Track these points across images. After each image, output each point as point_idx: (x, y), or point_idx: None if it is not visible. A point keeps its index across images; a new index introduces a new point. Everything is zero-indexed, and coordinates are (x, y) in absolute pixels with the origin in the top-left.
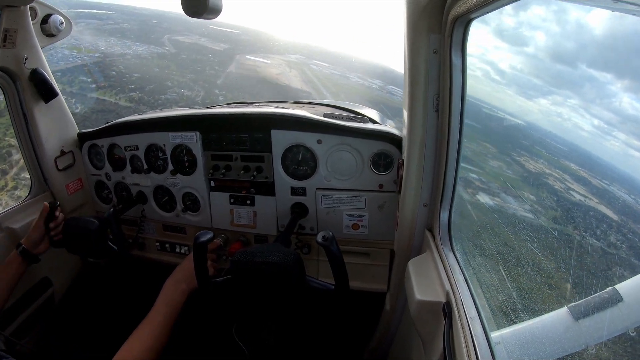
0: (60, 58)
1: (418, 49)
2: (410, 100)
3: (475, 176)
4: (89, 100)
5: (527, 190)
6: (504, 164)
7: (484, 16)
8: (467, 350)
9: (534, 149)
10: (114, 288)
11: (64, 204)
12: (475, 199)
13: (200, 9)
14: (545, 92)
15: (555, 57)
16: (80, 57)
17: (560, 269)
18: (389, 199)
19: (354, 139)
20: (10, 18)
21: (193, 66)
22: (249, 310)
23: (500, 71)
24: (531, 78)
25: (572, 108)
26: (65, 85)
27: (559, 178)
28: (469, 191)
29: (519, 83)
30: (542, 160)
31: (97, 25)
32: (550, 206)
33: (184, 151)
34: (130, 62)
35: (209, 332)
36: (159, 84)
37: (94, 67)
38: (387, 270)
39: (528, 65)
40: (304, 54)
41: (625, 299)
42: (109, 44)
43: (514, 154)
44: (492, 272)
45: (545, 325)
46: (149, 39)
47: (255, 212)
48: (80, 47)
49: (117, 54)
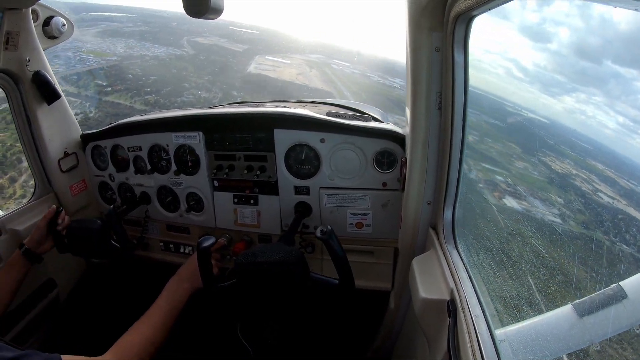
0: (78, 61)
1: (420, 46)
2: (413, 98)
3: (501, 178)
4: (104, 103)
5: (554, 193)
6: (530, 165)
7: (507, 13)
8: (471, 348)
9: (559, 148)
10: (118, 288)
11: (68, 205)
12: (481, 197)
13: (202, 9)
14: (569, 89)
15: (579, 53)
16: (97, 60)
17: (565, 266)
18: (392, 197)
19: (357, 137)
20: (12, 21)
21: (211, 67)
22: (254, 309)
23: (523, 68)
24: (555, 75)
25: (596, 105)
26: (81, 89)
27: (585, 179)
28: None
29: (542, 80)
30: (569, 160)
31: (117, 27)
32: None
33: (187, 151)
34: (147, 65)
35: (213, 331)
36: (176, 85)
37: (111, 70)
38: (391, 269)
39: (552, 62)
40: (325, 54)
41: (630, 295)
42: (127, 46)
43: (540, 153)
44: (497, 269)
45: (550, 322)
46: (168, 41)
47: (259, 212)
48: (97, 50)
49: (135, 56)
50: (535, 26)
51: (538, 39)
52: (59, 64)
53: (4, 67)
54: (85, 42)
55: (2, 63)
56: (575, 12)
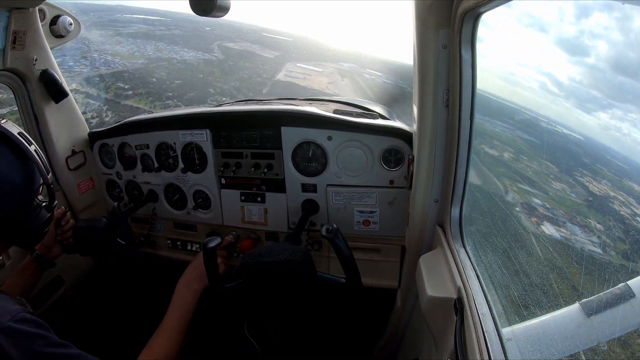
0: (102, 63)
1: (427, 44)
2: (420, 95)
3: (539, 201)
4: (122, 107)
5: (594, 218)
6: (568, 186)
7: (543, 25)
8: (478, 347)
9: (595, 167)
10: (126, 286)
11: (76, 203)
12: (490, 196)
13: (209, 7)
14: (605, 105)
15: (616, 68)
16: (122, 63)
17: (572, 265)
18: (399, 195)
19: (364, 135)
20: (19, 20)
21: (239, 73)
22: (260, 309)
23: (558, 83)
24: (590, 90)
25: (632, 122)
26: (101, 91)
27: (624, 202)
28: (533, 220)
29: (577, 95)
30: (606, 181)
31: (148, 30)
32: (619, 236)
33: (195, 149)
34: (174, 68)
35: (220, 330)
36: (200, 91)
37: (135, 73)
38: (398, 267)
39: (588, 77)
40: (358, 62)
41: (638, 295)
42: (156, 48)
43: (577, 173)
44: (504, 268)
45: (557, 321)
46: (198, 45)
47: (266, 209)
48: (123, 53)
49: (163, 59)
50: (573, 39)
51: (575, 52)
52: (85, 64)
53: (11, 66)
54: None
55: (10, 62)
56: (614, 25)
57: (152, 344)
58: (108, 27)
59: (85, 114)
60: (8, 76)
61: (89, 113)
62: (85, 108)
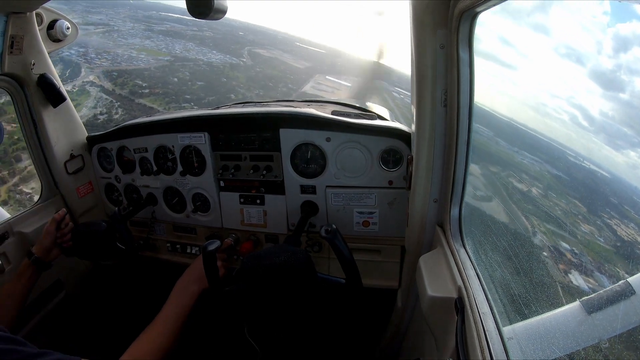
0: (126, 59)
1: (424, 44)
2: (418, 96)
3: (567, 246)
4: (135, 106)
5: (621, 267)
6: (596, 229)
7: (580, 57)
8: (479, 346)
9: (622, 208)
10: (125, 289)
11: (75, 207)
12: (487, 195)
13: (206, 9)
14: (635, 143)
15: None
16: (146, 59)
17: (572, 263)
18: (399, 195)
19: (363, 136)
20: (16, 24)
21: (264, 81)
22: (261, 311)
23: (589, 117)
24: (622, 127)
25: None
26: (117, 87)
27: None
28: (561, 267)
29: (608, 131)
30: (633, 225)
31: (180, 29)
32: None
33: (193, 152)
34: (199, 69)
35: (221, 332)
36: (221, 96)
37: (157, 71)
38: (398, 267)
39: (620, 113)
40: (389, 81)
41: (638, 292)
42: (184, 48)
43: (604, 214)
44: (504, 267)
45: (558, 319)
46: (228, 49)
47: (265, 212)
48: (150, 48)
49: (189, 58)
50: (609, 72)
51: (610, 87)
52: (107, 58)
53: (9, 71)
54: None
55: (7, 67)
56: None
57: (144, 336)
58: (142, 21)
59: (95, 108)
60: (6, 81)
61: (99, 108)
62: (97, 102)
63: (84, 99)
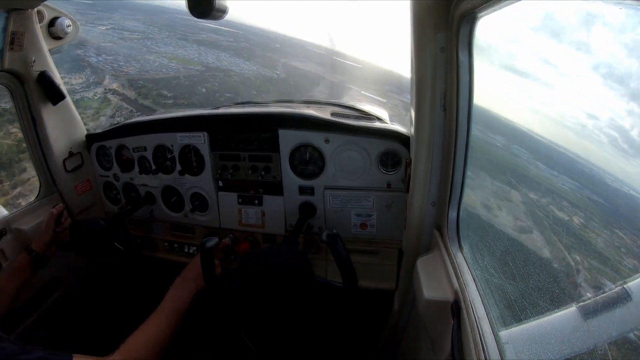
0: (155, 67)
1: (425, 47)
2: (418, 98)
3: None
4: None
5: None
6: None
7: (620, 77)
8: (475, 350)
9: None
10: (123, 288)
11: (73, 205)
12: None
13: (207, 9)
14: None
15: None
16: (177, 68)
17: (569, 268)
18: (397, 198)
19: (362, 138)
20: (17, 21)
21: (297, 95)
22: (258, 311)
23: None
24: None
25: None
26: (140, 96)
27: None
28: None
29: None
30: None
31: (216, 40)
32: None
33: (192, 151)
34: (229, 81)
35: (217, 331)
36: None
37: (186, 80)
38: (395, 270)
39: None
40: None
41: (635, 297)
42: (217, 58)
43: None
44: (501, 271)
45: (554, 324)
46: (262, 60)
47: (263, 212)
48: (182, 57)
49: (221, 69)
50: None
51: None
52: (135, 66)
53: (9, 67)
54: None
55: (8, 63)
56: None
57: (142, 329)
58: (177, 30)
59: (112, 117)
60: (6, 77)
61: (117, 118)
62: (115, 112)
63: (104, 108)
